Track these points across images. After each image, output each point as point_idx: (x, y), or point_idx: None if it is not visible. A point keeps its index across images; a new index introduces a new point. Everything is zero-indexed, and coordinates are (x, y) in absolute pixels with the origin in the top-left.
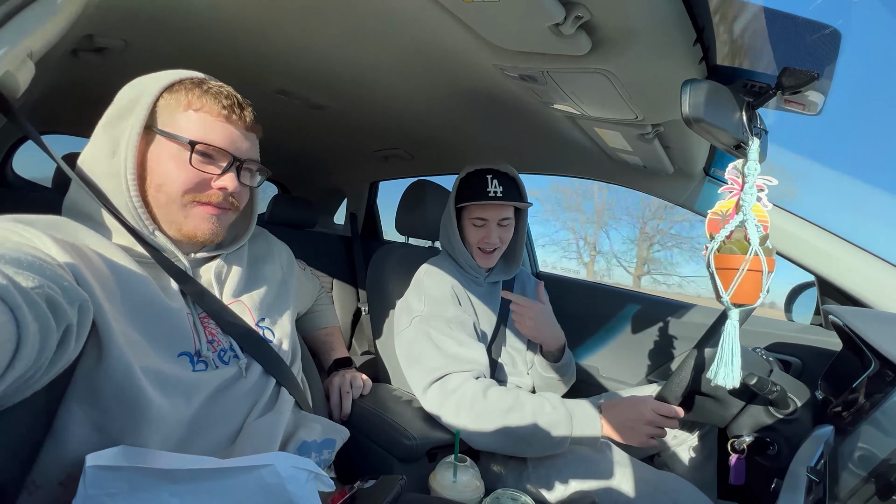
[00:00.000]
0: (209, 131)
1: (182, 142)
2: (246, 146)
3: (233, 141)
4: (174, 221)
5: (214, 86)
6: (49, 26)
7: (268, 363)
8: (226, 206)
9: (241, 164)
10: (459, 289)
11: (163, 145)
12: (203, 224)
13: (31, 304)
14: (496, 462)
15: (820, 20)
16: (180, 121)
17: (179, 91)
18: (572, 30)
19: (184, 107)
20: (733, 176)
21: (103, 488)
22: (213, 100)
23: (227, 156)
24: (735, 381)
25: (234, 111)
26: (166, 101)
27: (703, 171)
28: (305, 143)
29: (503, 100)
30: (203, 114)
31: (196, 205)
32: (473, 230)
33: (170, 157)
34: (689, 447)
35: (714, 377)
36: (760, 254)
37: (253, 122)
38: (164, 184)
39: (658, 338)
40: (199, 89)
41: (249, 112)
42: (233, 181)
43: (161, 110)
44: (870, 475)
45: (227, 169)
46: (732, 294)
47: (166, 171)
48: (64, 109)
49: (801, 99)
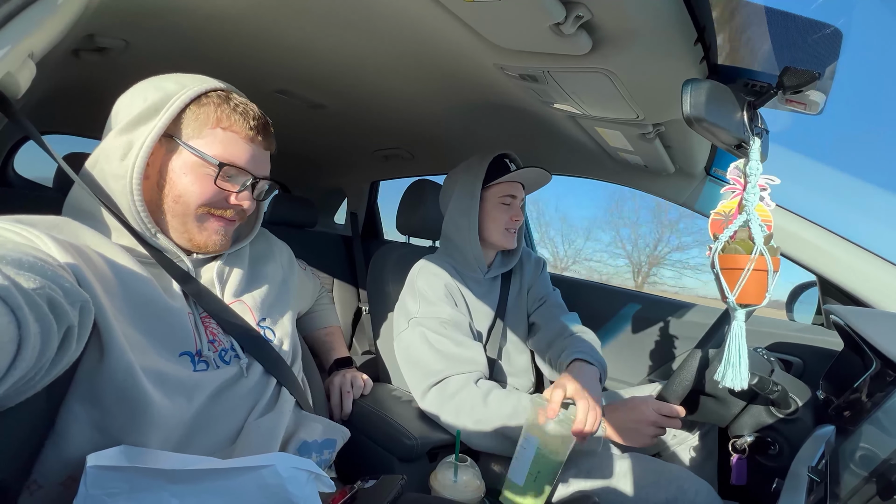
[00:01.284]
0: (235, 151)
1: (211, 162)
2: (265, 166)
3: (254, 160)
4: (187, 231)
5: (241, 103)
6: (50, 26)
7: (269, 363)
8: (236, 220)
9: (258, 181)
10: (454, 287)
11: (186, 157)
12: (215, 236)
13: (33, 305)
14: (497, 462)
15: (821, 19)
16: (207, 137)
17: (208, 105)
18: (573, 29)
19: (213, 123)
20: (735, 176)
21: (104, 488)
22: (241, 119)
23: (248, 175)
24: (743, 383)
25: (260, 132)
26: (194, 113)
27: (704, 170)
28: (306, 143)
29: (504, 99)
30: (231, 133)
31: (211, 217)
32: (501, 210)
33: (192, 170)
34: (690, 447)
35: (721, 379)
36: (765, 253)
37: (272, 141)
38: (183, 195)
39: (659, 338)
40: (228, 106)
41: (271, 133)
42: (250, 200)
43: (188, 122)
44: (871, 475)
45: (243, 187)
46: (738, 294)
47: (187, 183)
48: (65, 109)
49: (802, 98)
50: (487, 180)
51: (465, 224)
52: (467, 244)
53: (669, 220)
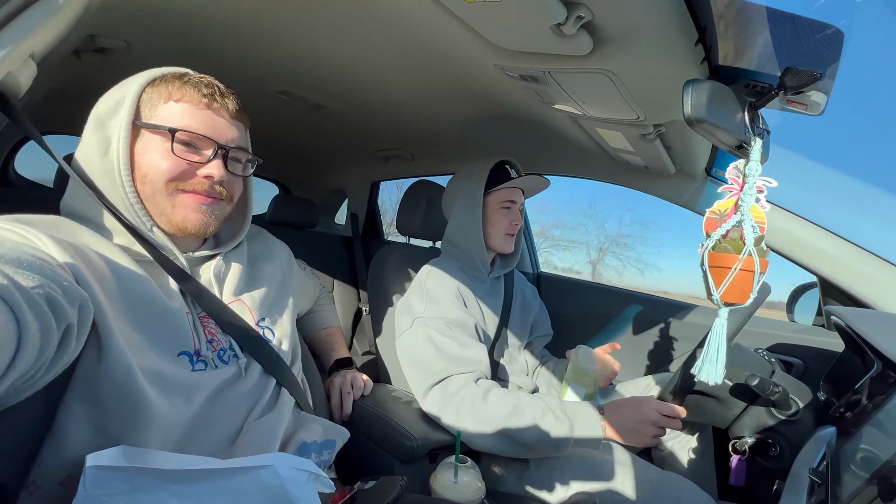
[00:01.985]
0: (190, 119)
1: (163, 130)
2: (231, 134)
3: (216, 128)
4: (163, 213)
5: (195, 77)
6: (51, 27)
7: (268, 363)
8: (215, 196)
9: (227, 151)
10: (464, 289)
11: (147, 138)
12: (191, 214)
13: (32, 304)
14: (497, 463)
15: (822, 20)
16: (162, 112)
17: (160, 85)
18: (574, 30)
19: (164, 98)
20: (734, 176)
21: (103, 488)
22: (193, 89)
23: (211, 143)
24: (718, 379)
25: (216, 99)
26: (148, 94)
27: (704, 171)
28: (306, 144)
29: (504, 100)
30: (184, 103)
31: (180, 193)
32: (501, 215)
33: (154, 148)
34: (684, 446)
35: (698, 374)
36: (754, 254)
37: (237, 110)
38: (148, 174)
39: (659, 338)
40: (180, 81)
41: (232, 100)
42: (219, 168)
43: (144, 105)
44: (872, 477)
45: (211, 157)
46: (723, 292)
47: (150, 161)
48: (66, 110)
49: (803, 99)
50: (488, 186)
51: (469, 228)
52: (472, 247)
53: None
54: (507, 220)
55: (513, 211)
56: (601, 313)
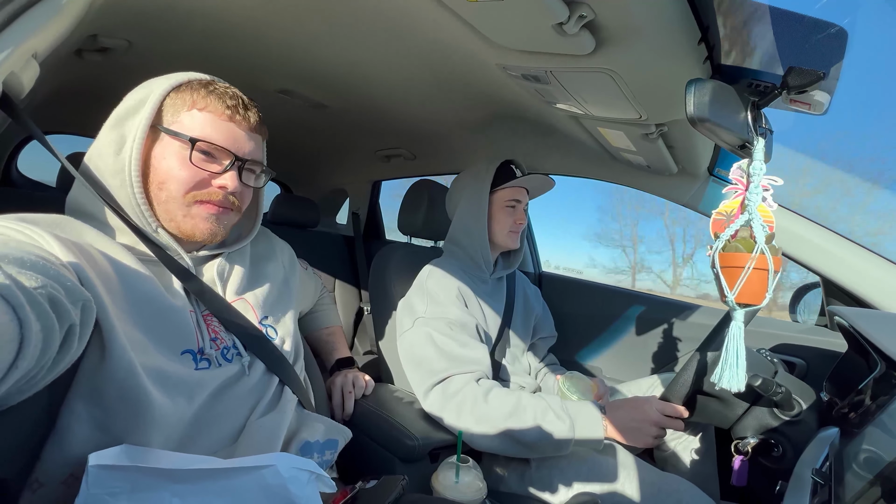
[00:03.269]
0: (212, 130)
1: (183, 139)
2: (249, 147)
3: (235, 140)
4: (173, 219)
5: (221, 86)
6: (53, 27)
7: (271, 361)
8: (227, 206)
9: (244, 163)
10: (466, 290)
11: (167, 143)
12: (202, 224)
13: (35, 304)
14: (499, 463)
15: (826, 19)
16: (185, 119)
17: (186, 91)
18: (576, 29)
19: (188, 106)
20: (738, 176)
21: (106, 487)
22: (217, 100)
23: (229, 155)
24: (740, 385)
25: (238, 111)
26: (172, 100)
27: (707, 171)
28: (308, 143)
29: (506, 99)
30: (207, 113)
31: (197, 204)
32: (506, 214)
33: (172, 154)
34: (687, 446)
35: (718, 381)
36: (766, 252)
37: (258, 123)
38: (165, 181)
39: (662, 338)
40: (205, 89)
41: (254, 113)
42: (234, 180)
43: (167, 109)
44: (876, 478)
45: (228, 168)
46: (738, 293)
47: (168, 168)
48: (68, 109)
49: (806, 98)
50: (493, 185)
51: (474, 227)
52: (477, 246)
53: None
54: (511, 219)
55: (517, 210)
56: (604, 314)
